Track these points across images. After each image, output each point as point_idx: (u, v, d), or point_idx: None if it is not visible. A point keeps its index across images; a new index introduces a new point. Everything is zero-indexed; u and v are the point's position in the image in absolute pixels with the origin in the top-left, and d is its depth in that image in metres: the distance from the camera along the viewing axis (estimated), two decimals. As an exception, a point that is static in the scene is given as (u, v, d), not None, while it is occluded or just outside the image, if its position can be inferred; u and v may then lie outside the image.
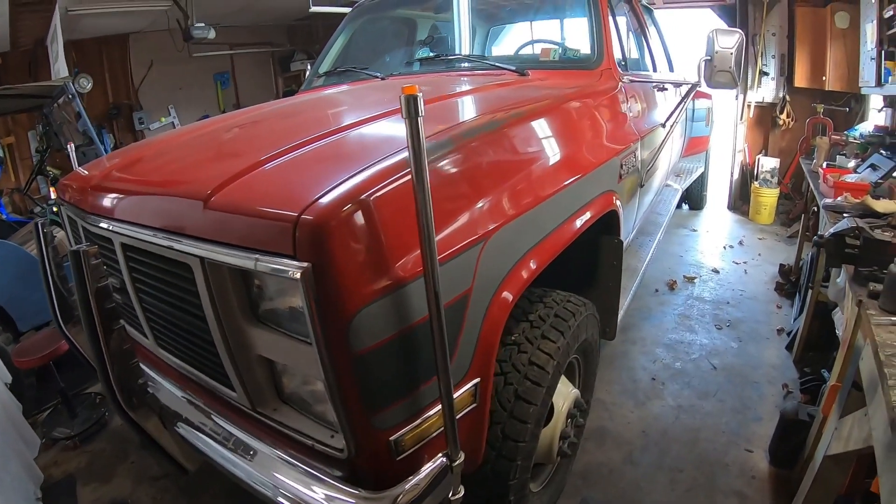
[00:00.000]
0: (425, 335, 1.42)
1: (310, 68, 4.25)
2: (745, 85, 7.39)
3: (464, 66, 3.42)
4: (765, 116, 7.60)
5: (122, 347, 2.03)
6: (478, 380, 1.77)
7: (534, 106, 2.32)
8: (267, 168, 1.69)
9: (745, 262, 6.04)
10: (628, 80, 3.28)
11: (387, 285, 1.39)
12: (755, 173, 7.56)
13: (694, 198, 7.94)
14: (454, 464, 1.56)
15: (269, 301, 1.58)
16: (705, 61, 2.99)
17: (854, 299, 2.37)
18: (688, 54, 3.19)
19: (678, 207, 7.59)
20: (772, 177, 7.33)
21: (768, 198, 7.30)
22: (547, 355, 2.10)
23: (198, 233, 1.58)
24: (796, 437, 2.90)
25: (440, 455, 1.59)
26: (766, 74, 7.28)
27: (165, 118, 10.26)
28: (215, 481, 2.98)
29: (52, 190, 2.55)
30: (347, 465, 1.55)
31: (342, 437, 1.50)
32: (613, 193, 2.72)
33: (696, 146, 6.57)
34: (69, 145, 3.45)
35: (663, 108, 4.00)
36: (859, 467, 2.21)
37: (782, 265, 5.49)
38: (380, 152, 1.59)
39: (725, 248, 6.56)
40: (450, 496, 1.61)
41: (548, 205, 2.08)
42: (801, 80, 6.93)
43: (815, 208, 4.70)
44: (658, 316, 4.81)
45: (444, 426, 1.51)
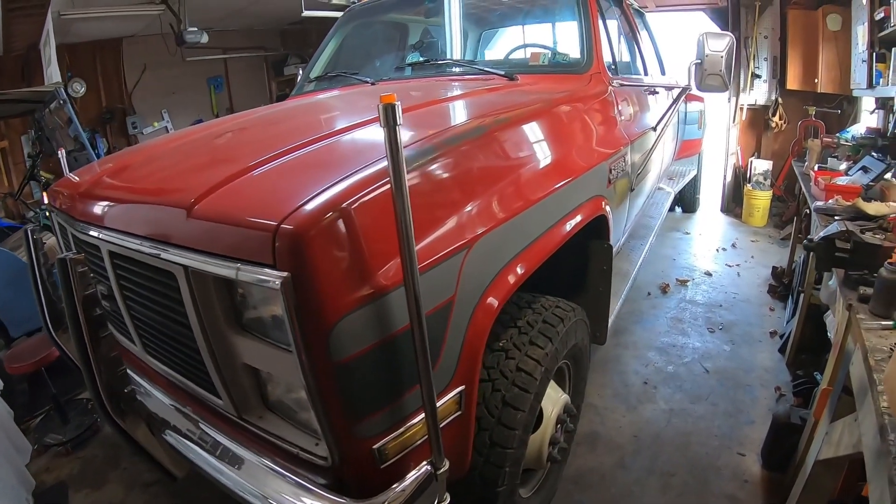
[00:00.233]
0: (407, 344, 1.41)
1: (302, 73, 4.25)
2: (738, 87, 7.42)
3: (453, 70, 3.42)
4: (757, 119, 7.62)
5: (110, 355, 2.03)
6: (462, 387, 1.76)
7: (519, 111, 2.31)
8: (250, 176, 1.69)
9: (738, 265, 6.05)
10: (618, 84, 3.28)
11: (367, 294, 1.38)
12: (748, 176, 7.59)
13: (687, 200, 7.95)
14: (439, 472, 1.56)
15: (252, 310, 1.58)
16: (696, 65, 2.99)
17: (844, 303, 2.37)
18: (680, 57, 3.19)
19: (671, 210, 7.61)
20: (764, 179, 7.36)
21: (761, 200, 7.31)
22: (535, 361, 2.10)
23: (181, 241, 1.57)
24: (788, 441, 2.90)
25: (425, 463, 1.58)
26: (759, 77, 7.30)
27: (158, 123, 10.25)
28: (206, 487, 2.95)
29: (44, 195, 2.54)
30: (332, 473, 1.55)
31: (325, 445, 1.49)
32: (602, 198, 2.71)
33: (688, 149, 6.58)
34: (60, 151, 3.44)
35: (654, 112, 4.00)
36: (852, 470, 2.21)
37: (775, 268, 5.50)
38: (362, 160, 1.59)
39: (718, 250, 6.56)
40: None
41: (534, 211, 2.07)
42: (793, 82, 6.94)
43: (807, 210, 4.71)
44: (650, 319, 4.81)
45: (428, 434, 1.51)
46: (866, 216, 3.28)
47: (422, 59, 3.59)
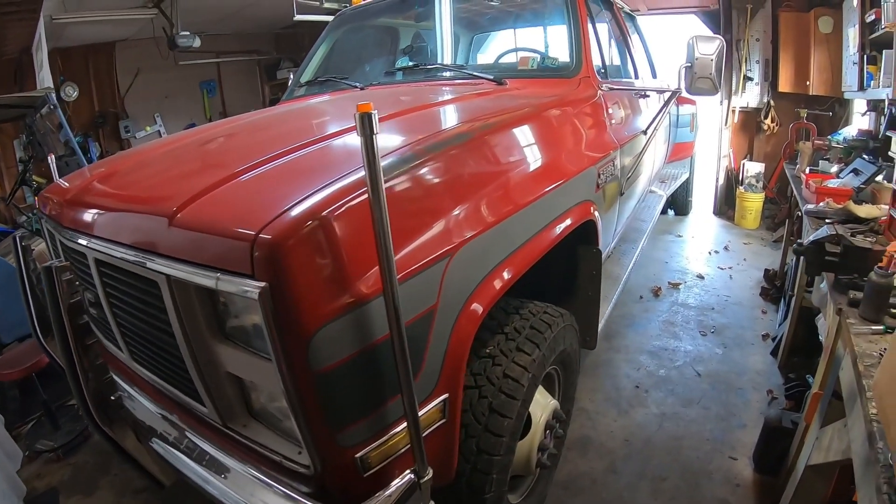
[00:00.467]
0: (388, 353, 1.40)
1: (292, 77, 4.24)
2: (730, 90, 7.44)
3: (443, 75, 3.42)
4: (749, 121, 7.63)
5: (96, 363, 2.02)
6: (446, 395, 1.76)
7: (504, 117, 2.30)
8: (232, 184, 1.68)
9: (731, 268, 6.06)
10: (607, 88, 3.27)
11: (347, 303, 1.37)
12: (740, 178, 7.60)
13: (679, 203, 7.97)
14: (422, 480, 1.55)
15: (234, 319, 1.57)
16: (686, 68, 2.99)
17: (834, 307, 2.37)
18: (672, 60, 3.21)
19: (664, 213, 7.63)
20: (757, 181, 7.37)
21: (753, 202, 7.33)
22: (522, 368, 2.09)
23: (163, 250, 1.56)
24: (780, 445, 2.89)
25: (408, 471, 1.57)
26: (751, 80, 7.32)
27: (151, 127, 10.23)
28: (194, 494, 2.94)
29: (36, 200, 2.53)
30: (315, 481, 1.54)
31: (308, 454, 1.49)
32: (591, 203, 2.71)
33: (680, 152, 6.59)
34: (50, 156, 3.43)
35: (645, 116, 4.00)
36: (843, 475, 2.20)
37: (767, 270, 5.50)
38: (345, 167, 1.58)
39: (711, 253, 6.57)
40: (419, 511, 1.60)
41: (519, 217, 2.06)
42: (785, 84, 6.96)
43: (799, 213, 4.72)
44: (642, 323, 4.80)
45: (411, 443, 1.50)
46: (857, 219, 3.29)
47: (411, 63, 3.59)
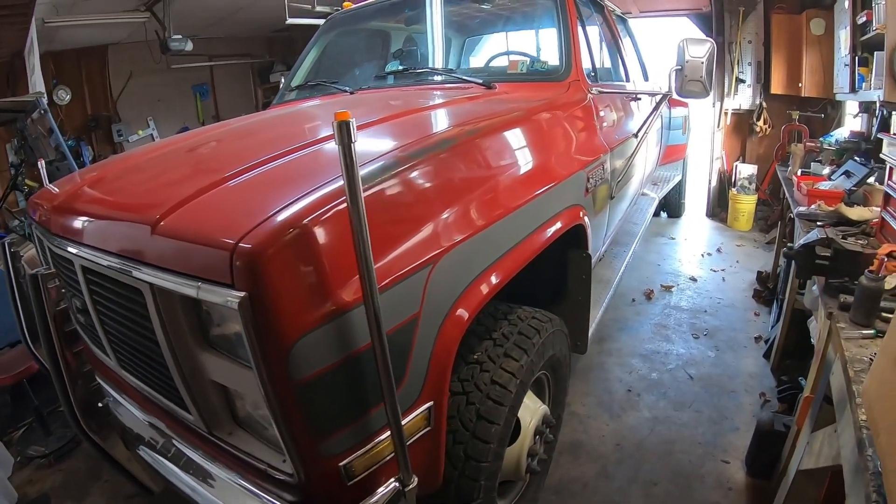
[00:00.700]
0: (371, 361, 1.39)
1: (284, 80, 4.23)
2: (723, 92, 7.46)
3: (433, 79, 3.40)
4: (742, 123, 7.65)
5: (83, 370, 2.01)
6: (431, 403, 1.75)
7: (490, 122, 2.28)
8: (215, 192, 1.67)
9: (724, 270, 6.06)
10: (597, 92, 3.26)
11: (328, 312, 1.36)
12: (733, 180, 7.61)
13: (672, 206, 7.98)
14: (407, 488, 1.54)
15: (217, 327, 1.57)
16: (676, 71, 2.98)
17: (825, 311, 2.36)
18: (665, 63, 3.21)
19: (656, 215, 7.64)
20: (749, 183, 7.39)
21: (746, 204, 7.35)
22: (509, 374, 2.08)
23: (146, 259, 1.56)
24: (772, 448, 2.88)
25: (393, 479, 1.57)
26: (743, 82, 7.34)
27: (144, 130, 10.22)
28: (183, 501, 2.94)
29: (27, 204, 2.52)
30: (299, 490, 1.53)
31: (291, 462, 1.48)
32: (580, 208, 2.70)
33: (673, 154, 6.61)
34: (40, 161, 3.41)
35: (636, 119, 4.01)
36: (835, 479, 2.19)
37: (760, 272, 5.51)
38: (328, 174, 1.56)
39: (703, 255, 6.58)
40: (405, 519, 1.59)
41: (506, 222, 2.05)
42: (777, 86, 6.97)
43: (791, 215, 4.72)
44: (634, 326, 4.79)
45: (395, 451, 1.50)
46: (849, 221, 3.29)
47: (401, 67, 3.58)
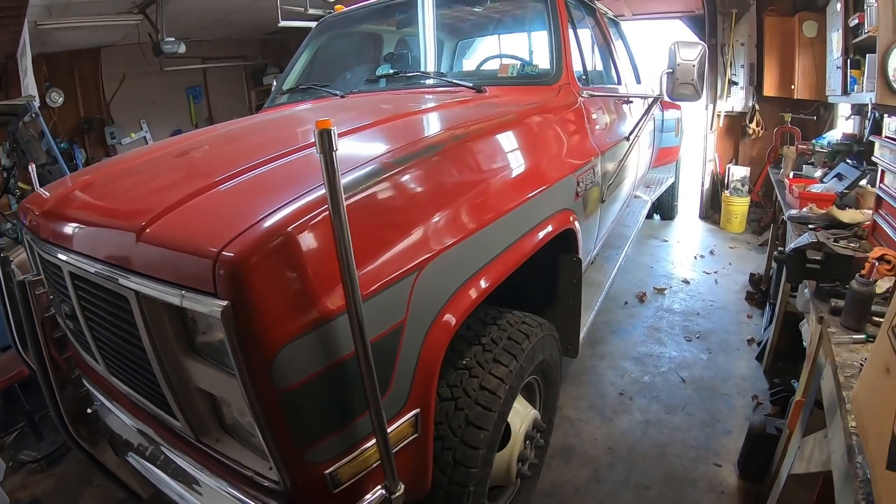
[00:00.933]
0: (355, 369, 1.38)
1: (275, 84, 4.22)
2: (715, 94, 7.48)
3: (424, 82, 3.41)
4: (735, 126, 7.68)
5: (71, 376, 2.00)
6: (418, 410, 1.74)
7: (479, 127, 2.27)
8: (200, 199, 1.66)
9: (716, 272, 6.07)
10: (588, 95, 3.26)
11: (311, 321, 1.35)
12: (726, 182, 7.64)
13: (665, 208, 8.01)
14: (393, 496, 1.54)
15: (202, 335, 1.56)
16: (667, 74, 2.98)
17: (816, 316, 2.35)
18: (658, 65, 3.20)
19: (649, 217, 7.66)
20: (742, 185, 7.40)
21: (739, 206, 7.37)
22: (498, 380, 2.07)
23: (132, 266, 1.55)
24: (765, 451, 2.88)
25: (379, 487, 1.56)
26: (736, 84, 7.36)
27: (136, 133, 10.17)
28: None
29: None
30: (286, 497, 1.53)
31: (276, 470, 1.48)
32: (570, 212, 2.69)
33: (665, 157, 6.61)
34: (31, 166, 3.39)
35: (628, 121, 4.01)
36: (827, 484, 2.19)
37: (752, 274, 5.52)
38: (313, 181, 1.56)
39: (696, 257, 6.58)
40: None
41: (494, 228, 2.04)
42: (770, 89, 6.99)
43: (783, 217, 4.72)
44: (627, 329, 4.79)
45: (381, 459, 1.49)
46: (841, 224, 3.29)
47: (391, 71, 3.57)
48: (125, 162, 2.50)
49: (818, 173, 4.92)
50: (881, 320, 1.97)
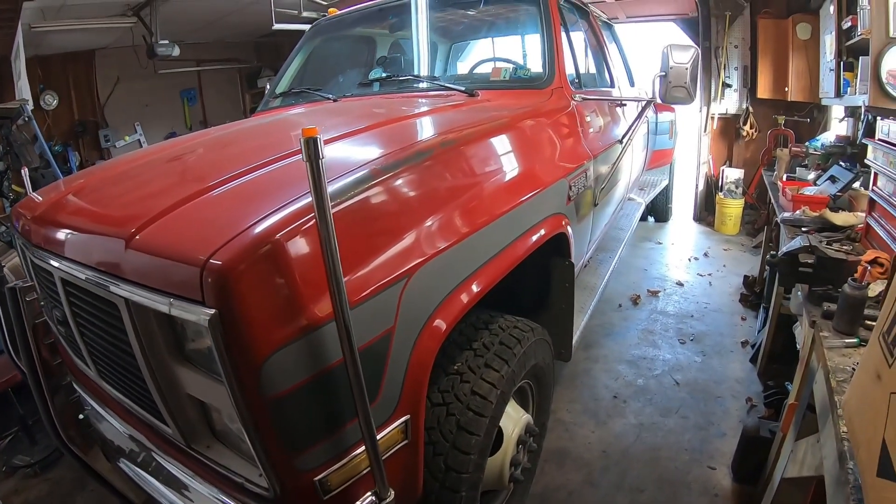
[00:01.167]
0: (344, 376, 1.38)
1: (269, 87, 4.22)
2: (709, 97, 7.48)
3: (416, 86, 3.40)
4: (728, 128, 7.69)
5: (62, 382, 1.99)
6: (408, 417, 1.73)
7: (469, 131, 2.26)
8: (190, 206, 1.65)
9: (710, 274, 6.07)
10: (581, 98, 3.26)
11: (299, 329, 1.35)
12: (720, 184, 7.64)
13: (659, 210, 8.01)
14: (383, 502, 1.54)
15: (192, 342, 1.55)
16: (660, 77, 2.98)
17: (808, 320, 2.35)
18: (651, 68, 3.20)
19: (643, 220, 7.66)
20: (736, 187, 7.42)
21: (733, 208, 7.38)
22: (490, 385, 2.07)
23: (121, 273, 1.54)
24: (758, 454, 2.89)
25: (369, 494, 1.55)
26: (730, 86, 7.36)
27: (131, 136, 10.16)
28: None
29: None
30: None
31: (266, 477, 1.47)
32: (562, 216, 2.69)
33: (659, 159, 6.61)
34: (23, 170, 3.38)
35: (621, 125, 4.00)
36: (820, 488, 2.18)
37: (746, 276, 5.51)
38: (302, 188, 1.53)
39: (690, 260, 6.59)
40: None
41: (485, 233, 2.04)
42: (763, 91, 6.99)
43: (777, 219, 4.73)
44: (621, 332, 4.79)
45: (370, 466, 1.49)
46: (834, 227, 3.29)
47: (384, 75, 3.57)
48: (117, 166, 2.48)
49: (811, 176, 4.94)
50: (874, 324, 1.97)
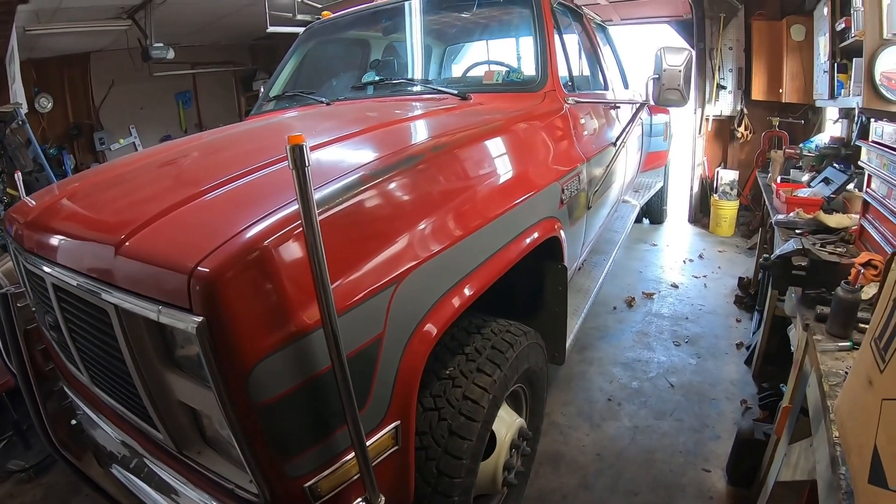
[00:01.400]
0: (333, 383, 1.37)
1: (262, 90, 4.21)
2: (703, 99, 7.49)
3: (409, 89, 3.40)
4: (723, 129, 7.70)
5: (53, 388, 1.99)
6: (398, 422, 1.73)
7: (461, 135, 2.25)
8: (179, 212, 1.64)
9: (705, 276, 6.07)
10: (574, 101, 3.26)
11: (288, 335, 1.35)
12: (715, 186, 7.65)
13: (654, 212, 8.02)
14: (375, 507, 1.53)
15: (181, 348, 1.55)
16: (654, 80, 2.98)
17: (802, 323, 2.35)
18: (646, 70, 3.20)
19: (638, 222, 7.66)
20: (731, 189, 7.42)
21: (728, 210, 7.38)
22: (482, 389, 2.06)
23: (111, 279, 1.54)
24: (753, 457, 2.88)
25: (359, 500, 1.55)
26: (724, 88, 7.37)
27: (126, 139, 10.16)
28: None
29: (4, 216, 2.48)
30: None
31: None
32: (554, 220, 2.69)
33: (654, 161, 6.62)
34: (17, 174, 3.37)
35: (615, 127, 4.00)
36: (815, 490, 2.18)
37: (741, 278, 5.52)
38: (291, 194, 1.53)
39: (685, 261, 6.59)
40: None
41: (474, 238, 2.03)
42: (758, 93, 7.01)
43: (771, 221, 4.73)
44: (616, 334, 4.79)
45: (360, 472, 1.48)
46: (828, 229, 3.29)
47: (377, 78, 3.57)
48: (111, 171, 2.47)
49: (805, 177, 4.94)
50: (867, 327, 1.97)
